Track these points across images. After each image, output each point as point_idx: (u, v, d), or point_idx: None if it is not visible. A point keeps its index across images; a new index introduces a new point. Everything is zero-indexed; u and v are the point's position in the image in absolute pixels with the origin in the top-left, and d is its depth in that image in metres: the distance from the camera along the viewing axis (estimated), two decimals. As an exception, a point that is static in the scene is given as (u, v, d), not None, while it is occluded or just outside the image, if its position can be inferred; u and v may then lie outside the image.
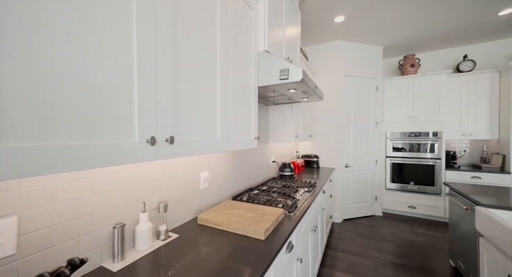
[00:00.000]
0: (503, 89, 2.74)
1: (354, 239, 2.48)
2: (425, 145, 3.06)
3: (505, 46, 2.95)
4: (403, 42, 3.06)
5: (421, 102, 3.08)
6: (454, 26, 2.61)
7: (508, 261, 1.19)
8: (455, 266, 1.88)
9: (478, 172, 2.77)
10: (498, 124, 2.82)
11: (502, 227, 1.21)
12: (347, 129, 3.09)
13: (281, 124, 2.17)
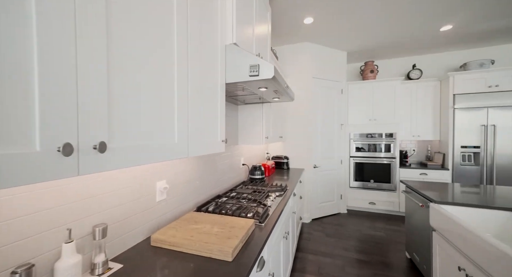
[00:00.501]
0: (443, 96, 3.13)
1: (323, 239, 2.52)
2: (382, 145, 3.31)
3: (444, 58, 3.39)
4: (365, 49, 3.27)
5: (379, 106, 3.33)
6: (405, 37, 2.87)
7: (458, 253, 1.29)
8: (410, 258, 2.04)
9: (424, 169, 3.11)
10: (440, 126, 3.22)
11: (452, 221, 1.31)
12: (315, 130, 3.16)
13: (252, 125, 2.06)
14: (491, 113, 2.78)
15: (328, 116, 3.27)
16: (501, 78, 2.73)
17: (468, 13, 2.30)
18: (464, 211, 1.45)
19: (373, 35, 2.80)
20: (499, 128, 2.75)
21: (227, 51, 1.12)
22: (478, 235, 1.08)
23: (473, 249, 1.13)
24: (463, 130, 2.90)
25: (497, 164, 2.77)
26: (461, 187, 1.91)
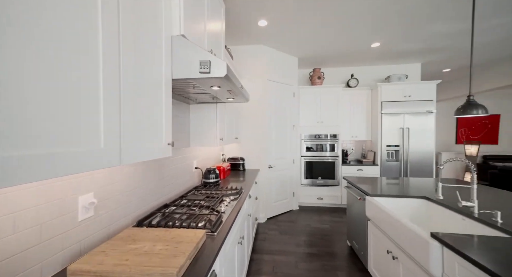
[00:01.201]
0: (373, 103, 3.69)
1: (277, 237, 2.59)
2: (328, 145, 3.67)
3: (375, 70, 4.00)
4: (313, 57, 3.55)
5: (325, 109, 3.68)
6: (344, 50, 3.26)
7: (386, 238, 1.50)
8: (351, 246, 2.30)
9: (360, 165, 3.59)
10: (371, 128, 3.78)
11: (381, 211, 1.52)
12: (270, 131, 3.24)
13: (205, 126, 1.94)
14: (406, 118, 3.43)
15: (282, 118, 3.42)
16: (412, 90, 3.40)
17: (390, 34, 2.76)
18: (389, 201, 1.71)
19: (319, 45, 3.06)
20: (411, 131, 3.42)
21: (174, 43, 1.00)
22: (399, 221, 1.28)
23: (396, 233, 1.33)
24: (388, 132, 3.48)
25: (410, 159, 3.43)
26: (387, 180, 2.26)
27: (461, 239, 0.98)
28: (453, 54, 3.42)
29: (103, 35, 0.60)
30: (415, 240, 1.13)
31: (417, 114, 3.40)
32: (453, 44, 3.05)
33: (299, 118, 3.72)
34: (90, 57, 0.56)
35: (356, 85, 3.91)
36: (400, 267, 1.34)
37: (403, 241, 1.25)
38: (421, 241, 1.08)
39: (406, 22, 2.47)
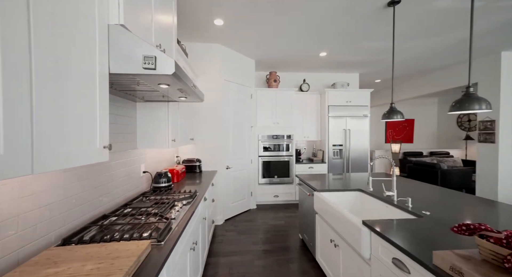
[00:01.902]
0: (322, 106, 4.08)
1: (235, 238, 2.59)
2: (283, 145, 3.87)
3: (323, 76, 4.43)
4: (269, 60, 3.69)
5: (281, 111, 3.87)
6: (297, 57, 3.51)
7: (330, 228, 1.68)
8: (302, 239, 2.48)
9: (311, 163, 3.92)
10: (320, 129, 4.17)
11: (325, 204, 1.69)
12: (228, 132, 3.22)
13: (154, 126, 1.79)
14: (348, 121, 3.92)
15: (240, 119, 3.44)
16: (352, 96, 3.90)
17: (334, 46, 3.11)
18: (333, 194, 1.92)
19: (275, 50, 3.21)
20: (352, 132, 3.92)
21: (111, 33, 0.88)
22: (339, 212, 1.45)
23: (337, 223, 1.50)
24: (334, 133, 3.90)
25: (351, 157, 3.93)
26: (332, 176, 2.53)
27: (383, 224, 1.17)
28: (382, 67, 4.08)
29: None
30: (351, 228, 1.30)
31: (356, 118, 3.92)
32: (382, 59, 3.64)
33: (256, 119, 3.81)
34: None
35: (308, 89, 4.25)
36: (340, 253, 1.51)
37: (343, 230, 1.42)
38: (355, 229, 1.25)
39: (346, 38, 2.82)
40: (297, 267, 2.01)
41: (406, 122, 7.02)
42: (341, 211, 1.45)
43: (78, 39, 0.72)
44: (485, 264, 0.72)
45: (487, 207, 1.42)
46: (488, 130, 3.46)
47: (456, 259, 0.76)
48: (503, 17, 2.31)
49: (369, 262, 1.20)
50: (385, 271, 1.06)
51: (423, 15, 2.26)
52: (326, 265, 1.78)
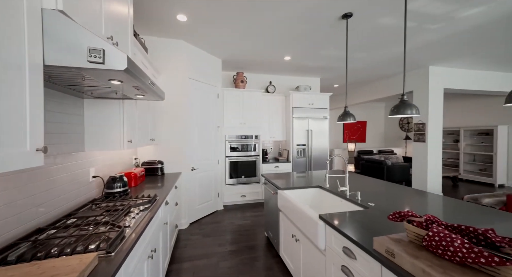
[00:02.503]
0: (286, 108, 4.27)
1: (200, 241, 2.52)
2: (250, 145, 3.92)
3: (288, 79, 4.64)
4: (236, 61, 3.70)
5: (248, 111, 3.91)
6: (263, 58, 3.60)
7: (291, 224, 1.77)
8: (267, 236, 2.56)
9: (277, 163, 4.07)
10: (285, 130, 4.36)
11: (287, 201, 1.78)
12: (193, 132, 3.11)
13: (107, 126, 1.62)
14: (310, 122, 4.18)
15: (206, 119, 3.35)
16: (314, 99, 4.18)
17: (297, 51, 3.29)
18: (295, 192, 2.03)
19: (241, 50, 3.22)
20: (314, 132, 4.20)
21: (46, 19, 0.77)
22: (299, 208, 1.55)
23: (298, 219, 1.59)
24: (298, 133, 4.11)
25: (313, 155, 4.20)
26: (296, 174, 2.67)
27: (336, 217, 1.29)
28: (339, 74, 4.48)
29: None
30: (309, 222, 1.40)
31: (317, 119, 4.21)
32: (339, 66, 3.99)
33: (223, 120, 3.77)
34: None
35: (274, 91, 4.39)
36: (300, 247, 1.61)
37: (302, 224, 1.52)
38: (313, 223, 1.35)
39: (308, 45, 3.01)
40: (262, 264, 2.06)
41: (360, 124, 7.84)
42: (300, 207, 1.54)
43: (3, 23, 0.61)
44: (411, 245, 0.86)
45: (418, 196, 1.69)
46: (420, 132, 4.10)
47: (390, 242, 0.89)
48: (429, 37, 2.78)
49: (324, 253, 1.30)
50: (337, 259, 1.17)
51: (370, 29, 2.56)
52: (288, 260, 1.87)
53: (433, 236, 0.78)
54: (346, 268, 1.09)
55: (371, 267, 0.93)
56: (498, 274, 0.65)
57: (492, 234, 0.74)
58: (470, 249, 0.69)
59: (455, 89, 4.20)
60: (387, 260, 0.85)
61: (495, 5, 2.08)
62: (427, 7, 2.11)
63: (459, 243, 0.72)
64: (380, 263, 0.87)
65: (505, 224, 1.15)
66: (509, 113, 5.14)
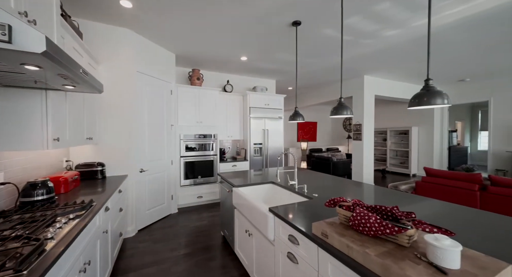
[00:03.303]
0: (244, 108, 4.34)
1: (149, 249, 2.33)
2: (207, 144, 3.83)
3: (246, 80, 4.72)
4: (191, 57, 3.55)
5: (204, 110, 3.81)
6: (220, 57, 3.57)
7: (245, 220, 1.82)
8: (223, 235, 2.55)
9: (235, 162, 4.09)
10: (243, 129, 4.42)
11: (241, 197, 1.82)
12: (142, 131, 2.84)
13: (22, 121, 1.34)
14: (266, 122, 4.35)
15: (158, 117, 3.11)
16: (270, 100, 4.37)
17: (253, 53, 3.38)
18: (250, 188, 2.09)
19: (197, 46, 3.12)
20: (270, 132, 4.39)
21: None
22: (251, 203, 1.60)
23: (251, 214, 1.64)
24: (255, 132, 4.23)
25: (269, 154, 4.39)
26: (253, 172, 2.74)
27: (284, 208, 1.39)
28: (292, 77, 4.81)
29: None
30: (261, 216, 1.46)
31: (273, 119, 4.42)
32: (292, 70, 4.28)
33: (178, 118, 3.57)
34: None
35: (232, 90, 4.39)
36: (253, 240, 1.67)
37: (255, 219, 1.58)
38: (263, 216, 1.42)
39: (263, 47, 3.13)
40: (217, 263, 2.04)
41: (311, 124, 8.58)
42: (253, 202, 1.59)
43: None
44: (341, 226, 1.01)
45: (355, 186, 1.96)
46: (358, 131, 4.77)
47: (325, 225, 1.01)
48: (363, 50, 3.26)
49: (273, 243, 1.39)
50: (284, 247, 1.26)
51: (317, 38, 2.84)
52: (242, 255, 1.91)
53: (356, 216, 0.93)
54: (291, 254, 1.19)
55: (310, 249, 1.04)
56: (397, 240, 0.82)
57: (396, 210, 0.93)
58: (380, 224, 0.85)
59: (384, 96, 5.03)
60: (322, 241, 0.96)
61: (406, 29, 2.59)
62: (359, 24, 2.47)
63: (373, 220, 0.87)
64: (317, 245, 0.98)
65: (411, 203, 1.45)
66: (419, 117, 6.46)
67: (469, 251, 0.77)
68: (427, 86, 1.17)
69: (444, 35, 2.75)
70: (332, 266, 0.91)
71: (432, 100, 1.14)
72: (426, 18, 2.35)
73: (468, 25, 2.49)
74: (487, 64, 3.92)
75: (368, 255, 0.76)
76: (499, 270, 0.67)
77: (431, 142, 6.16)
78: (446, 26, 2.50)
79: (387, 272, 0.69)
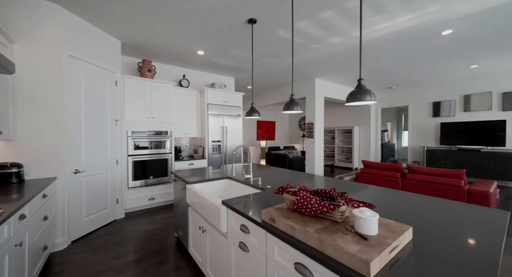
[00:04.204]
0: (202, 104, 4.20)
1: (86, 261, 2.02)
2: (161, 142, 3.56)
3: (203, 75, 4.57)
4: (142, 46, 3.23)
5: (157, 105, 3.52)
6: (174, 48, 3.36)
7: (199, 216, 1.76)
8: (177, 236, 2.41)
9: (192, 160, 3.92)
10: (201, 126, 4.27)
11: (194, 193, 1.76)
12: (76, 125, 2.44)
13: None
14: (225, 119, 4.31)
15: (98, 110, 2.72)
16: (228, 97, 4.35)
17: (210, 47, 3.31)
18: (205, 185, 2.04)
19: (146, 33, 2.85)
20: (229, 129, 4.36)
21: None
22: (204, 198, 1.56)
23: (204, 209, 1.60)
24: (213, 130, 4.14)
25: (228, 152, 4.36)
26: (212, 169, 2.68)
27: (236, 200, 1.40)
28: (250, 75, 4.89)
29: None
30: (214, 210, 1.44)
31: (232, 117, 4.41)
32: (249, 68, 4.36)
33: (124, 112, 3.20)
34: None
35: (188, 86, 4.19)
36: (207, 236, 1.63)
37: (208, 213, 1.54)
38: (216, 209, 1.40)
39: (220, 42, 3.09)
40: (169, 266, 1.92)
41: (270, 124, 8.91)
42: (206, 197, 1.56)
43: None
44: (287, 210, 1.08)
45: (306, 178, 2.12)
46: (310, 130, 5.19)
47: (273, 211, 1.06)
48: (313, 54, 3.56)
49: (226, 236, 1.38)
50: (236, 238, 1.28)
51: (272, 38, 2.96)
52: (196, 254, 1.84)
53: (300, 199, 1.01)
54: (243, 243, 1.21)
55: (260, 235, 1.08)
56: (332, 216, 0.93)
57: (333, 192, 1.05)
58: (319, 204, 0.94)
59: (332, 98, 5.61)
60: (270, 226, 1.01)
61: (347, 39, 2.96)
62: (309, 29, 2.69)
63: (314, 201, 0.96)
64: (265, 230, 1.03)
65: (351, 189, 1.66)
66: (360, 118, 7.45)
67: (386, 220, 0.93)
68: (359, 85, 1.36)
69: (375, 47, 3.25)
70: (278, 248, 0.97)
71: (363, 97, 1.32)
72: (363, 29, 2.72)
73: (392, 40, 3.00)
74: (407, 74, 4.81)
75: (307, 232, 0.84)
76: (403, 231, 0.82)
77: (368, 140, 7.18)
78: (376, 38, 2.95)
79: (322, 244, 0.78)
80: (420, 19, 2.47)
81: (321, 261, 0.75)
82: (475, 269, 0.67)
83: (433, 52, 3.44)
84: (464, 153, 5.24)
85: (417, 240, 0.86)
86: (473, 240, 0.86)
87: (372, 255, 0.67)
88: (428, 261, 0.72)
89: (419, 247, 0.81)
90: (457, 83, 5.48)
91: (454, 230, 0.95)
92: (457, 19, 2.47)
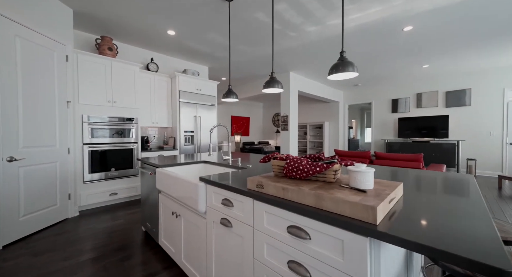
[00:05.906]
0: (172, 91, 3.89)
1: (24, 265, 1.64)
2: (124, 130, 3.16)
3: (174, 61, 4.23)
4: (100, 18, 2.82)
5: (119, 88, 3.12)
6: (141, 26, 3.02)
7: (172, 201, 1.57)
8: (145, 230, 2.15)
9: (162, 151, 3.59)
10: (171, 115, 3.95)
11: (166, 175, 1.56)
12: (11, 104, 1.98)
13: None
14: (199, 109, 4.07)
15: (42, 88, 2.27)
16: (202, 85, 4.11)
17: (183, 27, 3.05)
18: (178, 168, 1.84)
19: (105, 4, 2.49)
20: (202, 119, 4.13)
21: None
22: (179, 178, 1.39)
23: (178, 190, 1.42)
24: (185, 119, 3.86)
25: (202, 143, 4.13)
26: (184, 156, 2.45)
27: (217, 176, 1.27)
28: (226, 65, 4.72)
29: None
30: (190, 188, 1.28)
31: (206, 106, 4.18)
32: (225, 56, 4.19)
33: (79, 94, 2.75)
34: None
35: (157, 70, 3.83)
36: (181, 221, 1.46)
37: (183, 194, 1.37)
38: (193, 187, 1.24)
39: (194, 22, 2.87)
40: (134, 261, 1.67)
41: (244, 119, 8.82)
42: (180, 176, 1.38)
43: None
44: (275, 177, 0.99)
45: (282, 159, 2.07)
46: (285, 122, 5.25)
47: (260, 178, 0.97)
48: (289, 43, 3.58)
49: (205, 216, 1.24)
50: (217, 215, 1.14)
51: (249, 20, 2.86)
52: (168, 244, 1.64)
53: (290, 162, 0.93)
54: (225, 219, 1.08)
55: (245, 206, 0.97)
56: (325, 177, 0.87)
57: (322, 155, 1.00)
58: (311, 165, 0.87)
59: (305, 93, 5.77)
60: (257, 192, 0.91)
61: (322, 27, 3.03)
62: (287, 13, 2.67)
63: (305, 163, 0.89)
64: (252, 198, 0.92)
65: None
66: (330, 114, 7.85)
67: (377, 179, 0.91)
68: (342, 57, 1.35)
69: (347, 41, 3.40)
70: (268, 214, 0.87)
71: (346, 68, 1.30)
72: (338, 18, 2.81)
73: (362, 32, 3.17)
74: (372, 72, 5.20)
75: (302, 190, 0.76)
76: (396, 186, 0.81)
77: (337, 134, 7.61)
78: (349, 30, 3.09)
79: (320, 199, 0.71)
80: (387, 12, 2.64)
81: (318, 217, 0.68)
82: (468, 214, 0.67)
83: (395, 49, 3.75)
84: (417, 144, 5.90)
85: (407, 196, 0.85)
86: (455, 193, 0.89)
87: (377, 202, 0.62)
88: (422, 213, 0.70)
89: (410, 201, 0.80)
90: (412, 82, 6.15)
91: (435, 188, 0.98)
92: (417, 15, 2.71)
